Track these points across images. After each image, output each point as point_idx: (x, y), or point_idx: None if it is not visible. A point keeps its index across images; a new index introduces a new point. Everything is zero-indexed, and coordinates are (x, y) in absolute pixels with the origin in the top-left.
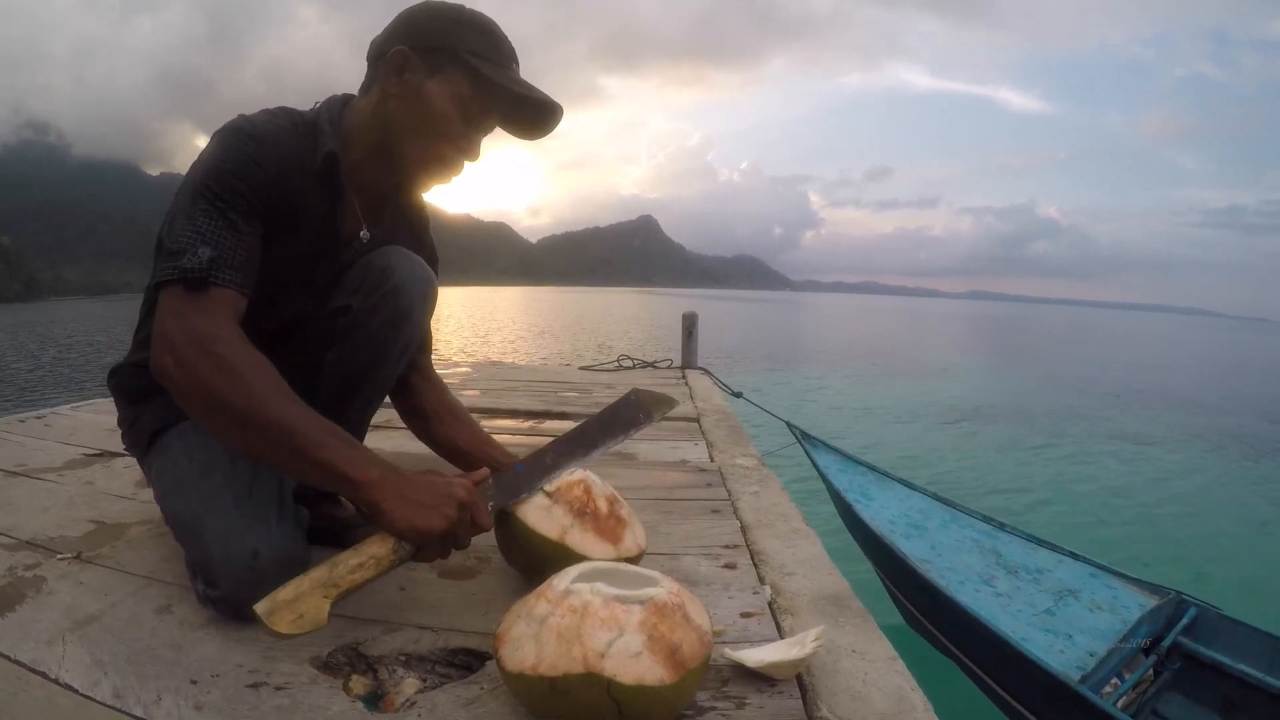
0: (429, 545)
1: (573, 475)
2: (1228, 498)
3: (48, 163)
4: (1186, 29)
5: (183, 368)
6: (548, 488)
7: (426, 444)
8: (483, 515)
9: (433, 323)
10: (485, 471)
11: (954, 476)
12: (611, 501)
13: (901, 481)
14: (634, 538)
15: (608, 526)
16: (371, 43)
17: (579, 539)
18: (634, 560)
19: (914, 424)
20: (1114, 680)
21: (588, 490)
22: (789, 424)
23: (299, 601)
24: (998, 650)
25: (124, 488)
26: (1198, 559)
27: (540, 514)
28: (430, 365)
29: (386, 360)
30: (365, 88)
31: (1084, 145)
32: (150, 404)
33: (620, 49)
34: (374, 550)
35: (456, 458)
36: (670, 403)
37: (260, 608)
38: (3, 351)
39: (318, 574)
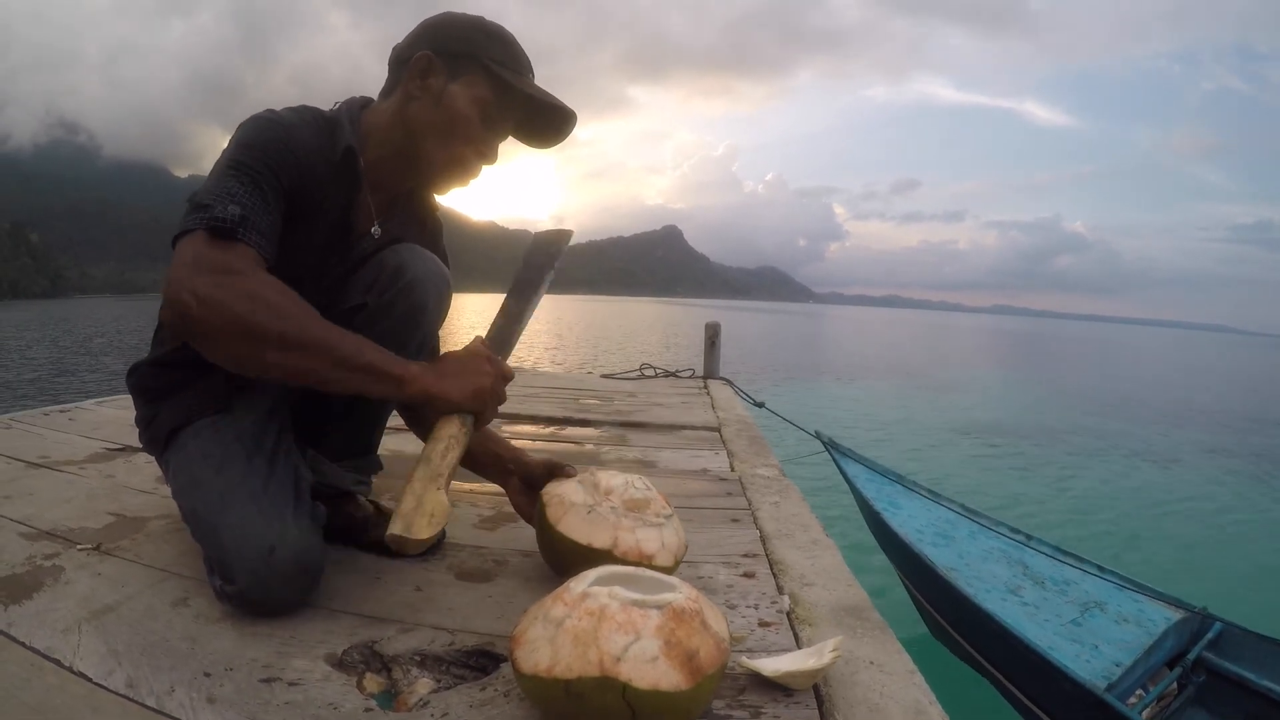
0: (484, 405)
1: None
2: (1256, 516)
3: (78, 162)
4: (1212, 43)
5: (207, 303)
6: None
7: (418, 435)
8: (503, 365)
9: (455, 329)
10: (481, 337)
11: (980, 490)
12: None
13: (929, 493)
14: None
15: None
16: (394, 48)
17: (630, 540)
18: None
19: (939, 438)
20: (1139, 692)
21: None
22: (817, 433)
23: (423, 504)
24: (1023, 658)
25: (145, 482)
26: (1224, 576)
27: (585, 524)
28: None
29: (402, 357)
30: (386, 91)
31: (1110, 160)
32: (168, 403)
33: (648, 59)
34: (448, 430)
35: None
36: (567, 234)
37: (397, 529)
38: (29, 346)
39: (420, 473)
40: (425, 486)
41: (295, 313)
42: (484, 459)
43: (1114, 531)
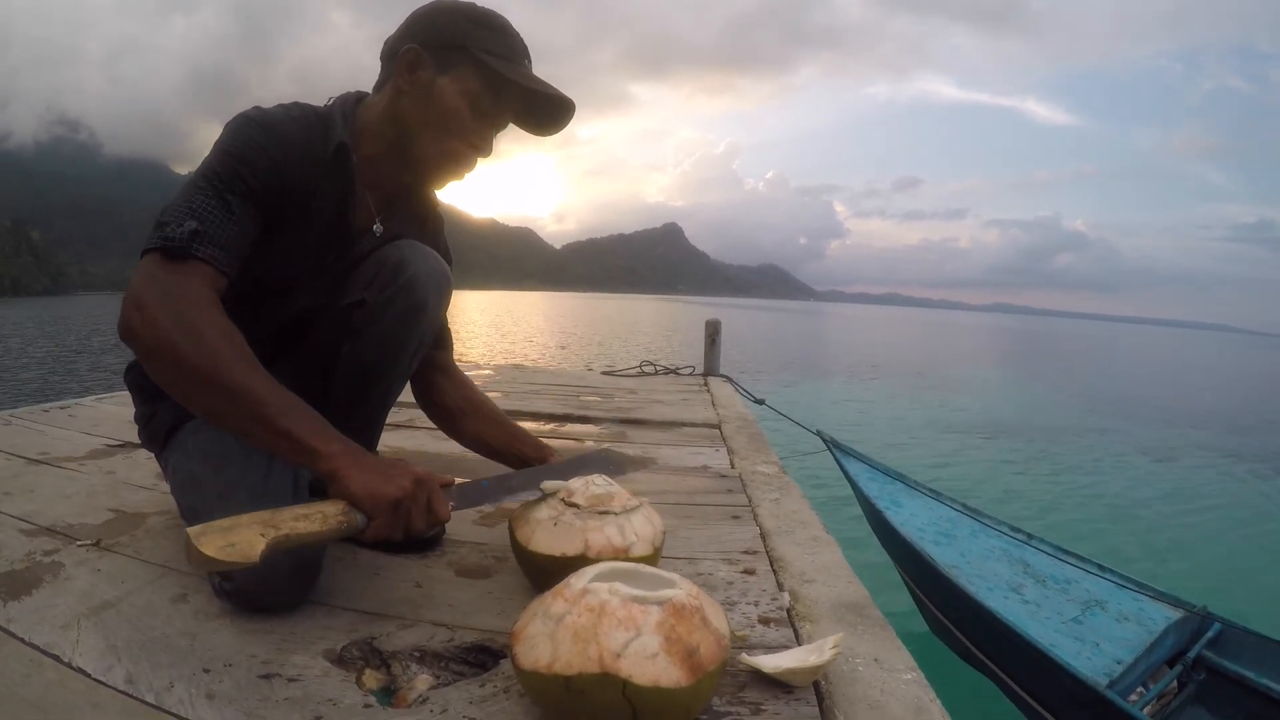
0: (380, 512)
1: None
2: (1256, 516)
3: (79, 160)
4: (1213, 43)
5: (150, 326)
6: (547, 510)
7: (458, 441)
8: (441, 504)
9: (456, 326)
10: (449, 479)
11: (981, 489)
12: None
13: (930, 492)
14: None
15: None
16: (385, 42)
17: (600, 539)
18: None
19: (940, 437)
20: (1139, 689)
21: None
22: (818, 432)
23: (234, 530)
24: (1025, 655)
25: (144, 478)
26: (1225, 575)
27: (553, 537)
28: (453, 362)
29: (402, 354)
30: (379, 86)
31: (1111, 159)
32: (166, 400)
33: (649, 57)
34: (323, 507)
35: (488, 455)
36: (645, 462)
37: (192, 530)
38: (30, 343)
39: (260, 514)
40: (252, 523)
41: (228, 356)
42: (511, 461)
43: (1114, 530)
